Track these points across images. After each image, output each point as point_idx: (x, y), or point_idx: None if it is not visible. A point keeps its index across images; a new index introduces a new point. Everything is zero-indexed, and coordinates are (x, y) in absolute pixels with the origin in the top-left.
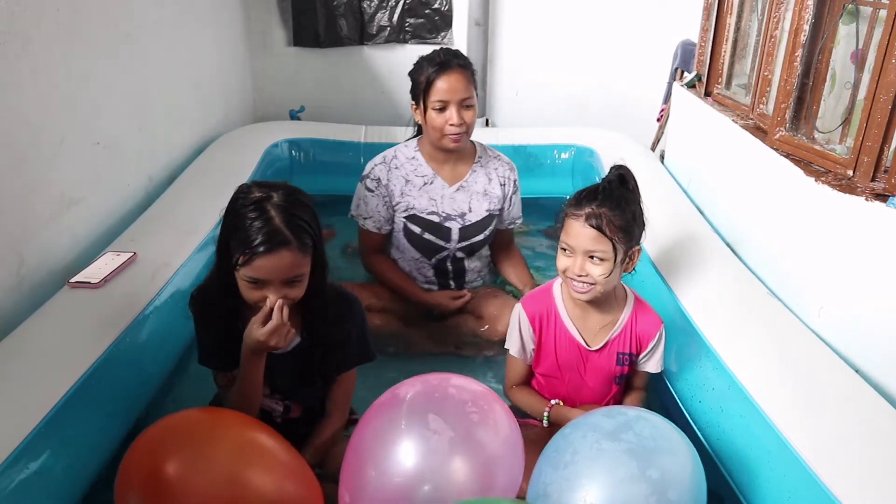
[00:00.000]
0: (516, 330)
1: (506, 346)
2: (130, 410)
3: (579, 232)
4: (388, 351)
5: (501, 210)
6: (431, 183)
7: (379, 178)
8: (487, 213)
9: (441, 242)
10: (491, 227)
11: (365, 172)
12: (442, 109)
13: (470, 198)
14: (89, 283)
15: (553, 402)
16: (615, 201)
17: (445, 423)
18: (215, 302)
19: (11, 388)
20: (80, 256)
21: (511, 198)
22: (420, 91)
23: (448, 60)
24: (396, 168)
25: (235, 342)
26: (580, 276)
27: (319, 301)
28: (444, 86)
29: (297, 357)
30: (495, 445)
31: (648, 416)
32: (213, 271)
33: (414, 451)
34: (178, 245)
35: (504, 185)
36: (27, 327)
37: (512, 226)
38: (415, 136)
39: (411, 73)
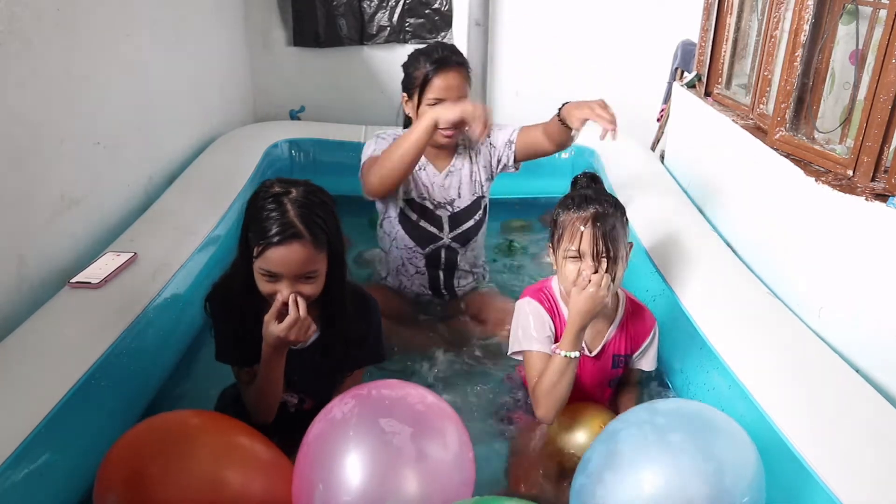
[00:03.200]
0: (530, 322)
1: (516, 349)
2: (131, 410)
3: (592, 234)
4: (390, 352)
5: (494, 161)
6: (424, 169)
7: (394, 136)
8: (474, 198)
9: (435, 230)
10: (480, 212)
11: (377, 133)
12: (437, 105)
13: (460, 181)
14: (89, 283)
15: (557, 350)
16: (609, 201)
17: (400, 422)
18: (235, 297)
19: (11, 388)
20: (80, 256)
21: (496, 144)
22: (416, 86)
23: (446, 57)
24: None
25: (254, 337)
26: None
27: (338, 298)
28: (441, 84)
29: (314, 353)
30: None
31: (694, 411)
32: (233, 266)
33: (378, 453)
34: (178, 245)
35: (484, 153)
36: (27, 327)
37: (515, 135)
38: (405, 128)
39: (406, 66)
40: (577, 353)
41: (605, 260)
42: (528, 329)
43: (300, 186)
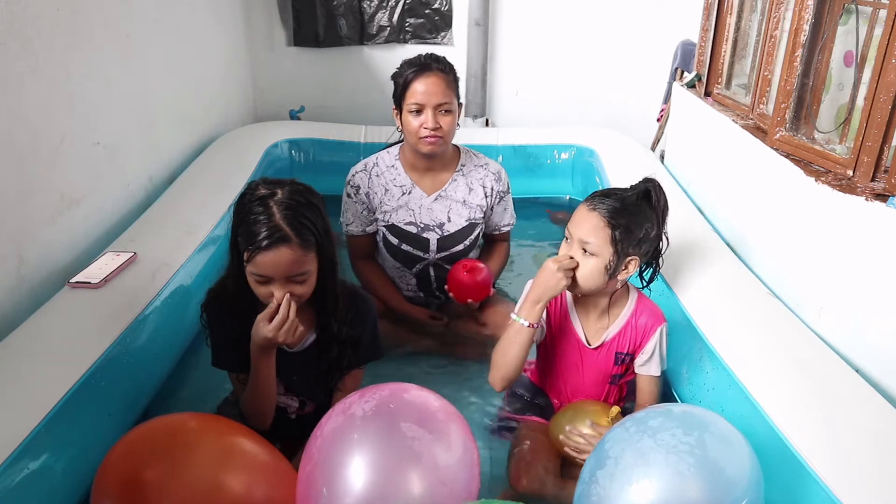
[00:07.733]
0: (525, 290)
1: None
2: (131, 410)
3: (584, 217)
4: (389, 352)
5: (485, 217)
6: (410, 193)
7: (358, 186)
8: (468, 223)
9: (419, 253)
10: (473, 236)
11: (347, 178)
12: (418, 112)
13: (448, 207)
14: (89, 283)
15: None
16: (631, 206)
17: (420, 428)
18: (231, 301)
19: (12, 388)
20: (80, 256)
21: (494, 208)
22: (398, 94)
23: (427, 63)
24: (377, 176)
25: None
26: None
27: (330, 298)
28: (420, 88)
29: (312, 355)
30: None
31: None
32: (227, 270)
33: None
34: (178, 245)
35: (488, 196)
36: (27, 327)
37: (497, 232)
38: (398, 142)
39: (392, 77)
40: (526, 322)
41: (584, 252)
42: (522, 296)
43: (285, 187)
